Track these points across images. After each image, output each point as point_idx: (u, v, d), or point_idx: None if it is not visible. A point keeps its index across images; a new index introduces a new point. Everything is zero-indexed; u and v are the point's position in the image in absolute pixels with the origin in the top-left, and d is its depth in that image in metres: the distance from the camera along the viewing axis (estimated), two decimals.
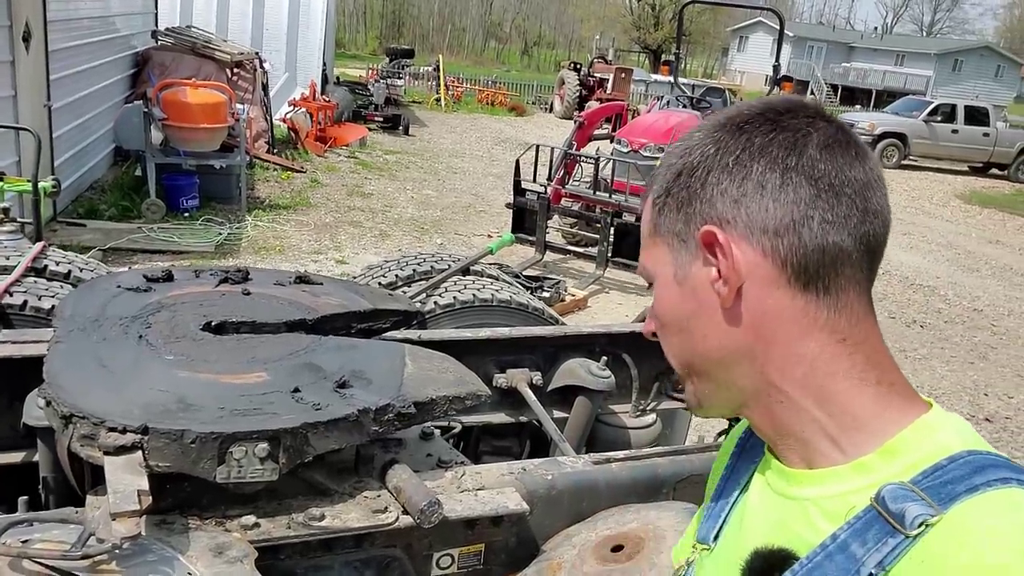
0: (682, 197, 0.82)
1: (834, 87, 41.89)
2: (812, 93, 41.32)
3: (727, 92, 12.76)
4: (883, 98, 36.67)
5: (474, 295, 2.76)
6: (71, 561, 1.09)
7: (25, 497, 1.48)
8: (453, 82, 25.01)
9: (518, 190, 7.97)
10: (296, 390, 1.53)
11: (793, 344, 0.78)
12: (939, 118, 20.47)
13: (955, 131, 20.42)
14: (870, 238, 0.78)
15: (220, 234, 7.83)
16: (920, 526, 0.66)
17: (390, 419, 1.54)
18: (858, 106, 35.88)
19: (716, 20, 49.88)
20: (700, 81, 26.61)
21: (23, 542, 1.14)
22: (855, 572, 0.69)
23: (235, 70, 11.09)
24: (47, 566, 1.10)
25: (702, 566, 0.90)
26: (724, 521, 0.90)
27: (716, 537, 0.89)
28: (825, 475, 0.77)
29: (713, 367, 0.83)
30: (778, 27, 10.43)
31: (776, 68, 10.28)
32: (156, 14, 12.07)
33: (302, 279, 2.20)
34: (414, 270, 3.00)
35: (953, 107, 20.97)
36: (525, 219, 7.97)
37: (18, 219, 4.48)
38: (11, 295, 2.28)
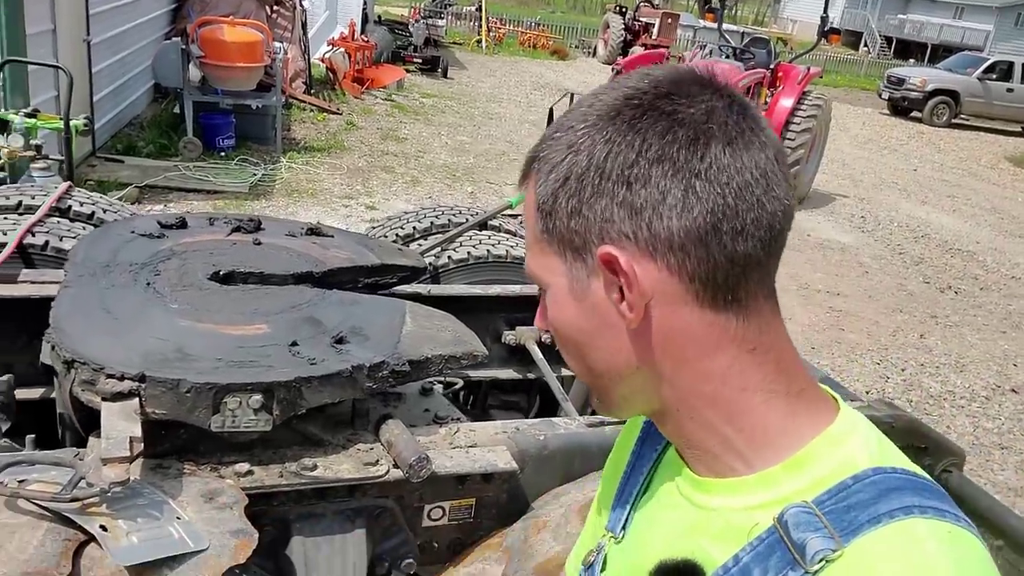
0: (572, 206, 0.73)
1: (888, 40, 40.52)
2: (865, 45, 40.07)
3: (772, 42, 12.42)
4: (939, 53, 35.39)
5: (488, 251, 2.77)
6: (61, 503, 1.15)
7: (32, 436, 1.55)
8: (495, 23, 24.66)
9: None
10: (294, 343, 1.57)
11: (703, 360, 0.74)
12: (994, 76, 19.81)
13: (1010, 90, 19.75)
14: (776, 238, 0.73)
15: (255, 175, 7.90)
16: (820, 562, 0.66)
17: (384, 376, 1.57)
18: (912, 60, 34.74)
19: None
20: (749, 29, 25.92)
21: (20, 481, 1.19)
22: None
23: (275, 8, 11.04)
24: (40, 506, 1.16)
25: (611, 556, 0.90)
26: (630, 513, 0.89)
27: (624, 527, 0.89)
28: (732, 485, 0.76)
29: (619, 382, 0.79)
30: None
31: (824, 19, 9.99)
32: None
33: (313, 231, 2.23)
34: (432, 223, 3.01)
35: (1011, 65, 20.25)
36: None
37: (51, 157, 4.56)
38: (33, 235, 2.33)
